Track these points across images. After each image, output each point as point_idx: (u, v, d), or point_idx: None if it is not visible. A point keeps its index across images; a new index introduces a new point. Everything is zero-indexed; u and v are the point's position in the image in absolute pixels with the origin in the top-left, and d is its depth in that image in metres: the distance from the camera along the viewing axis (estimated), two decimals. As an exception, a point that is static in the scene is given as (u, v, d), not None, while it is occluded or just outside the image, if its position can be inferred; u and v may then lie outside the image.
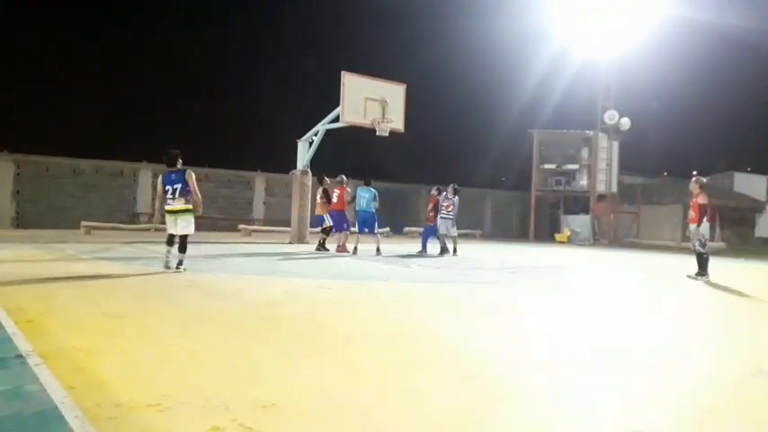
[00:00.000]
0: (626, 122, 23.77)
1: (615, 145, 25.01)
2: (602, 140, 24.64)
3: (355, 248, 11.96)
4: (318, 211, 12.65)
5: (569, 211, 26.55)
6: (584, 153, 25.64)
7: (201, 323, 4.42)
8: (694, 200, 9.10)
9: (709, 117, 34.84)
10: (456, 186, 12.75)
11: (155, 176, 21.35)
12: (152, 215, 19.85)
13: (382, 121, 14.31)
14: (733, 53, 31.23)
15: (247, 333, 4.12)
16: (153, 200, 21.15)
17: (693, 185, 9.16)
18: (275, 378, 2.99)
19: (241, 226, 19.63)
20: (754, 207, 27.01)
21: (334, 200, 12.37)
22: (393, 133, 14.67)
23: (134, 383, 2.77)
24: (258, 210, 23.74)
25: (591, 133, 25.02)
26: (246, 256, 10.87)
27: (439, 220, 12.66)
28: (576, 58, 25.16)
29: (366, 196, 12.00)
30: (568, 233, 24.63)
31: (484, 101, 35.32)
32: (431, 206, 13.09)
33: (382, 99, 14.39)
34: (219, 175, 23.09)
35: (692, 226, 9.13)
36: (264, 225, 21.70)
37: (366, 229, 12.10)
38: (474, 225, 26.37)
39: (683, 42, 26.63)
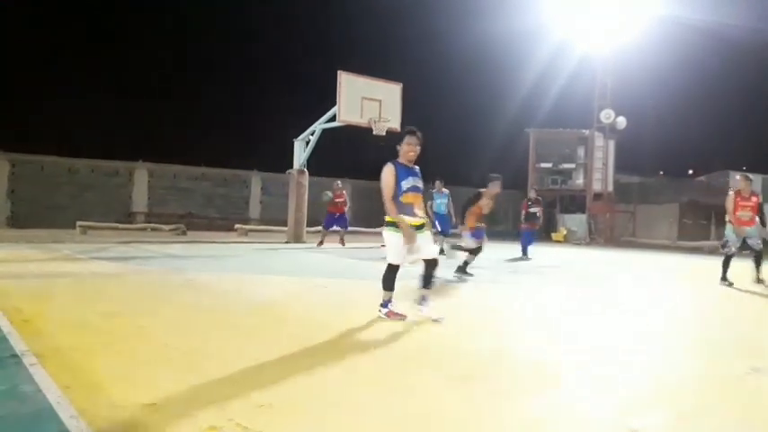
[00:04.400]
0: (622, 121, 23.78)
1: (611, 144, 25.04)
2: (599, 139, 24.66)
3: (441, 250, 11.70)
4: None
5: (565, 210, 26.59)
6: (581, 152, 25.66)
7: (198, 322, 4.41)
8: (756, 199, 8.19)
9: (705, 116, 34.95)
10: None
11: (150, 176, 21.30)
12: (148, 214, 19.88)
13: (379, 121, 14.30)
14: (729, 52, 31.31)
15: (244, 332, 4.11)
16: (149, 199, 21.20)
17: (745, 183, 8.19)
18: (272, 377, 2.98)
19: (237, 225, 19.55)
20: (750, 206, 27.05)
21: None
22: (390, 132, 14.66)
23: (130, 383, 2.77)
24: (254, 209, 23.66)
25: (587, 132, 25.05)
26: (243, 256, 10.86)
27: None
28: (572, 57, 25.19)
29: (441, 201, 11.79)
30: (564, 232, 24.67)
31: (480, 100, 35.34)
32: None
33: (379, 98, 14.38)
34: (215, 174, 23.01)
35: (750, 229, 8.24)
36: (261, 225, 21.64)
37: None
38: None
39: (680, 41, 26.69)
